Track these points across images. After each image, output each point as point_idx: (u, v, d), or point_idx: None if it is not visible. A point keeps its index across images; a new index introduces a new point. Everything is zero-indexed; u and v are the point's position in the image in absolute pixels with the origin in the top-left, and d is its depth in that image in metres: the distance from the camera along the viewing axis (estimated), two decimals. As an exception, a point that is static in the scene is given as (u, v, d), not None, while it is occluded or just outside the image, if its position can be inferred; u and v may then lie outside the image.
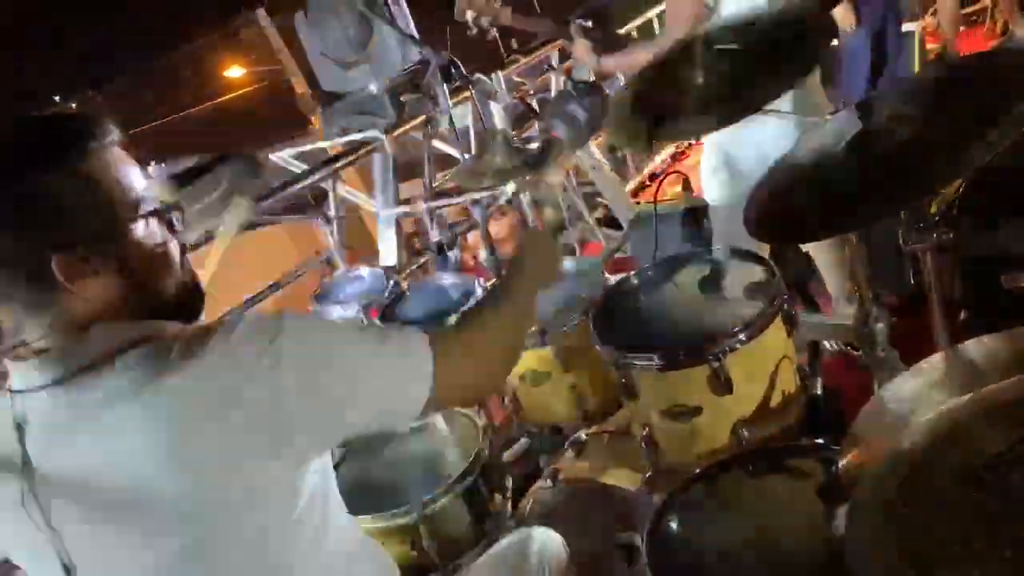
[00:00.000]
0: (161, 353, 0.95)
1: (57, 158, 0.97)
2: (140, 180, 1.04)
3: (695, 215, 1.82)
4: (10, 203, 0.94)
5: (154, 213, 1.04)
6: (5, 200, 0.94)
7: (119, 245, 1.00)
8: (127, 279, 1.01)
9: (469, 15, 2.40)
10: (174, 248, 1.08)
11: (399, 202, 3.17)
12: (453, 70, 2.46)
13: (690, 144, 5.85)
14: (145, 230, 1.03)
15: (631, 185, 5.15)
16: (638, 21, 5.26)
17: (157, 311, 1.04)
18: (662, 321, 1.71)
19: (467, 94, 2.98)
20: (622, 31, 4.95)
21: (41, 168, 0.95)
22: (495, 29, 2.46)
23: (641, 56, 2.15)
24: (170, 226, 1.07)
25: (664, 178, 1.98)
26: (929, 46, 4.87)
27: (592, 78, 4.32)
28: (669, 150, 5.72)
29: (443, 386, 1.10)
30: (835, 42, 3.78)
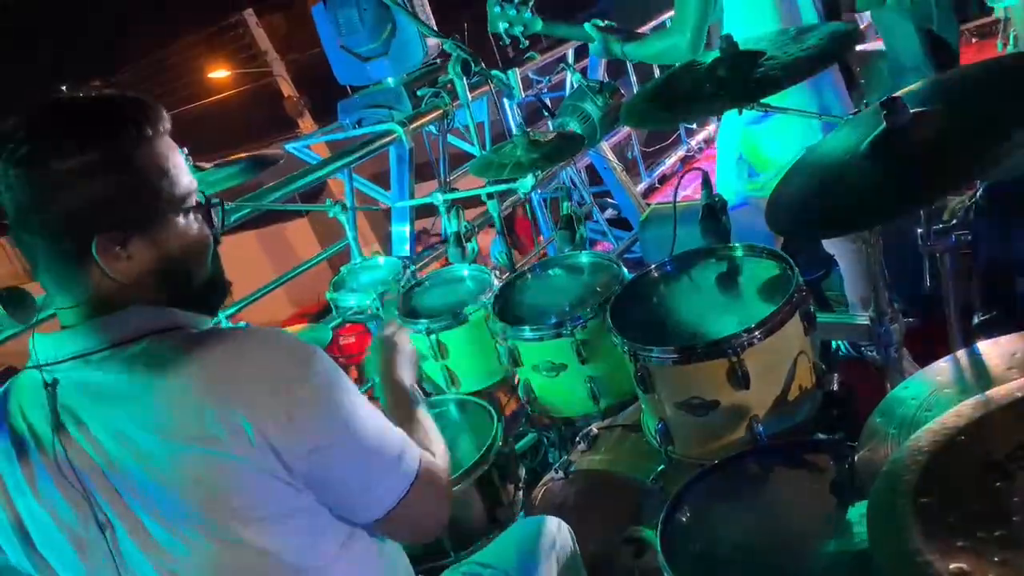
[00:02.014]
0: (187, 345, 0.98)
1: (111, 144, 0.98)
2: (187, 173, 1.06)
3: (714, 212, 1.83)
4: (66, 180, 0.95)
5: (197, 207, 1.07)
6: (61, 176, 0.95)
7: (159, 233, 1.02)
8: (161, 267, 1.03)
9: (501, 26, 2.42)
10: (210, 242, 1.11)
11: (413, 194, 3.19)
12: (473, 64, 2.48)
13: (701, 148, 5.88)
14: (185, 222, 1.05)
15: (641, 187, 5.16)
16: (653, 23, 5.27)
17: (182, 300, 1.06)
18: (680, 315, 1.72)
19: (485, 89, 2.99)
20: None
21: (94, 148, 0.96)
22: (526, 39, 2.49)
23: (656, 45, 2.18)
24: (209, 221, 1.10)
25: (684, 175, 2.00)
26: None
27: (606, 78, 4.35)
28: (680, 152, 5.74)
29: (408, 507, 1.09)
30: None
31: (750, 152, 2.22)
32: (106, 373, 0.98)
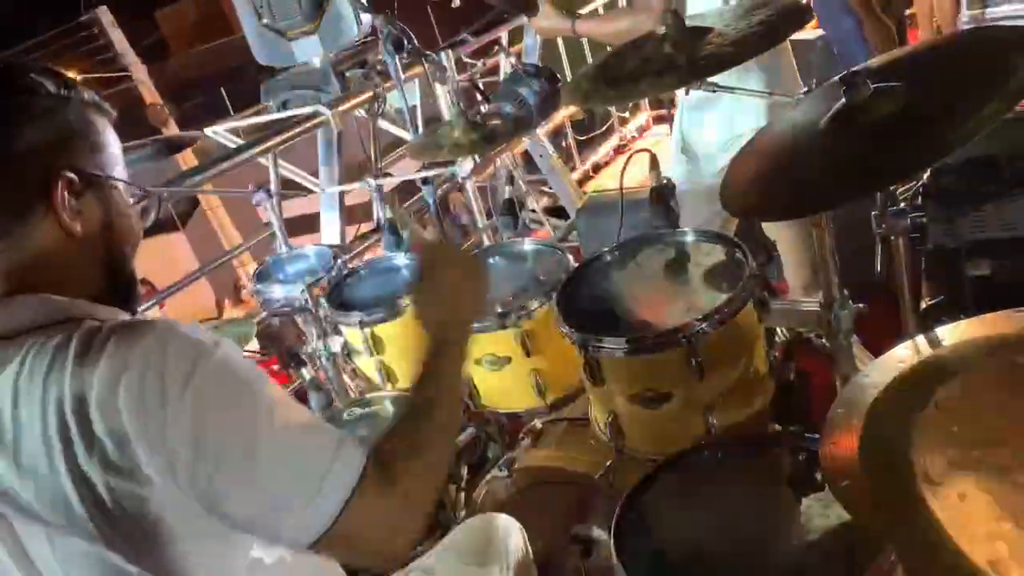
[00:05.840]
0: (80, 340, 0.86)
1: (64, 90, 0.95)
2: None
3: (662, 196, 1.76)
4: (33, 103, 0.91)
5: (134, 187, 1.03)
6: (27, 100, 0.91)
7: (107, 195, 0.97)
8: (103, 233, 0.97)
9: None
10: (140, 235, 1.05)
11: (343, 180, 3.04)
12: (406, 42, 2.34)
13: (634, 137, 5.87)
14: (123, 201, 1.00)
15: (575, 175, 5.11)
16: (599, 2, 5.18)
17: (109, 289, 0.98)
18: (630, 304, 1.65)
19: (417, 71, 2.87)
20: (587, 9, 4.88)
21: (47, 88, 0.93)
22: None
23: (620, 23, 2.08)
24: (143, 213, 1.06)
25: (631, 157, 1.92)
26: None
27: (540, 62, 4.26)
28: (613, 142, 5.71)
29: (352, 522, 0.89)
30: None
31: (693, 134, 2.17)
32: None
